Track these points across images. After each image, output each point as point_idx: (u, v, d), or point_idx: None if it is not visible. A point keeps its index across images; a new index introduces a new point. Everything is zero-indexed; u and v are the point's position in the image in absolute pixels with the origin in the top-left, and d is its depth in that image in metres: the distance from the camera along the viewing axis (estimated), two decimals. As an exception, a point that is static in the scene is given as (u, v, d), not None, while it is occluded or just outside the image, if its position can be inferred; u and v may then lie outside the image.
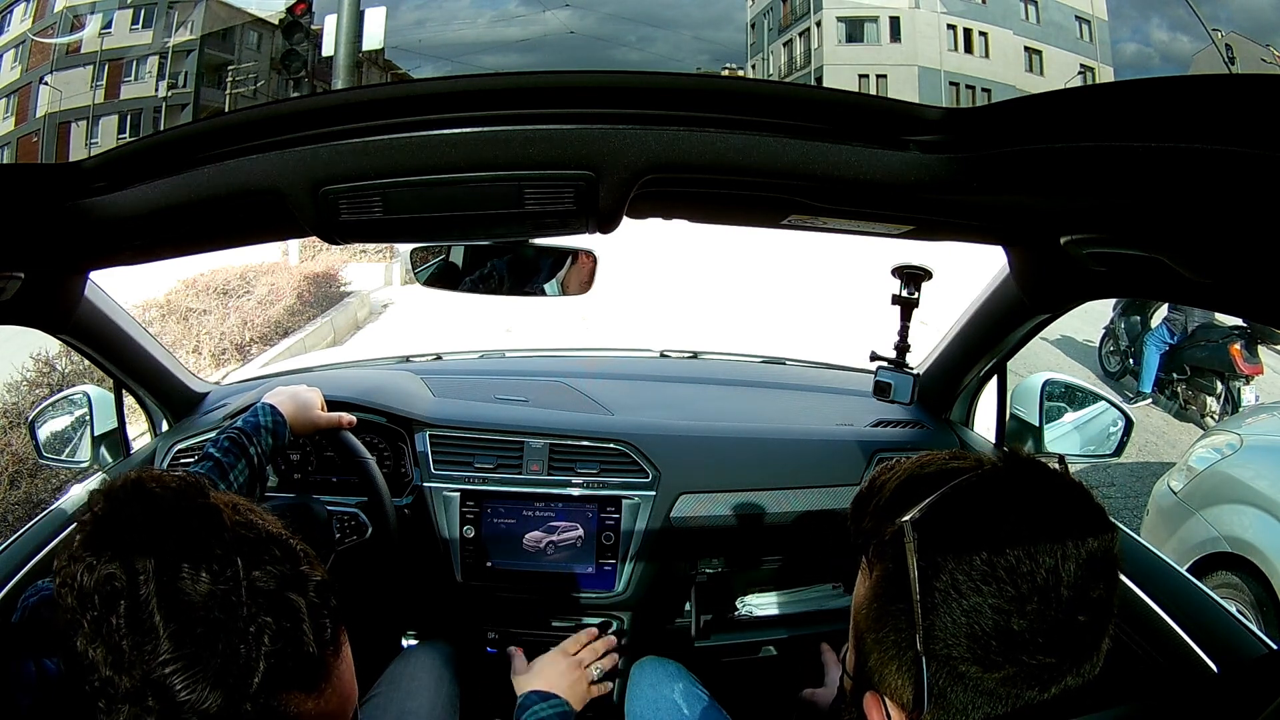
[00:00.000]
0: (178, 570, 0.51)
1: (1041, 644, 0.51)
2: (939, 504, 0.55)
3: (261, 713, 0.52)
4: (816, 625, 1.50)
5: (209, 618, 0.51)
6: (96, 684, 0.51)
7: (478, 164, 0.67)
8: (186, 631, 0.50)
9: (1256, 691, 0.54)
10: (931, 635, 0.53)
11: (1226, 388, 4.73)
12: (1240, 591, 2.36)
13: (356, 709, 0.64)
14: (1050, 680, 0.53)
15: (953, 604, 0.52)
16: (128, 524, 0.53)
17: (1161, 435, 4.69)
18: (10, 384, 3.98)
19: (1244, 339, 4.67)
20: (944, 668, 0.53)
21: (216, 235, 0.91)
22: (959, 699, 0.53)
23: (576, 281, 1.29)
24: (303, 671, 0.55)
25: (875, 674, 0.58)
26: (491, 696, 1.34)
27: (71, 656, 0.51)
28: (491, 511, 1.41)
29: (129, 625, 0.50)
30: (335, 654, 0.58)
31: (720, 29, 1.31)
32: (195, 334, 5.40)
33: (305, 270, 6.58)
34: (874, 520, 0.60)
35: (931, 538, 0.54)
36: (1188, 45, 1.01)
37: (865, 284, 5.18)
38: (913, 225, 0.85)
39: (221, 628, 0.51)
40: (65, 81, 1.22)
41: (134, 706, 0.50)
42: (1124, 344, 5.41)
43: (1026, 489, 0.56)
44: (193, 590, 0.51)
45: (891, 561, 0.56)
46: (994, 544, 0.52)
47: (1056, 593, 0.51)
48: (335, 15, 1.10)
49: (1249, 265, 0.64)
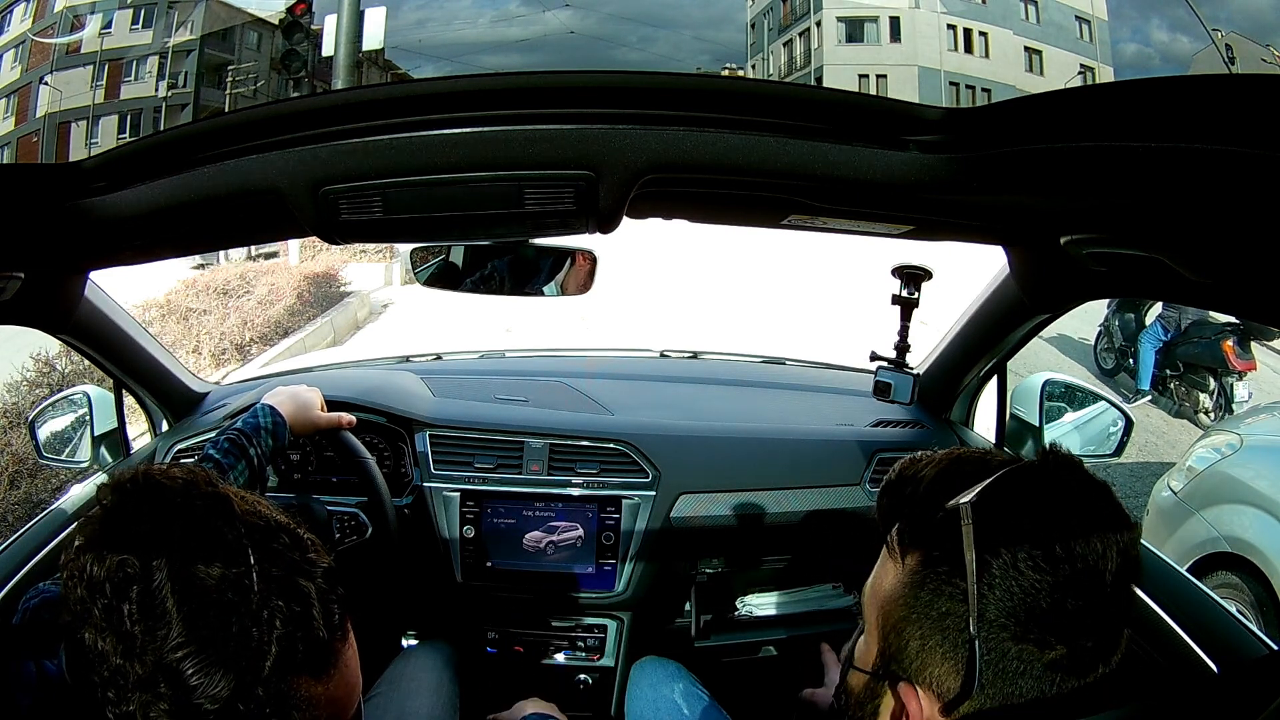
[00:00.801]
0: (191, 556, 0.51)
1: (1089, 626, 0.52)
2: (993, 486, 0.55)
3: (272, 697, 0.52)
4: (817, 625, 1.50)
5: (221, 601, 0.51)
6: (106, 674, 0.51)
7: (478, 164, 0.67)
8: (199, 616, 0.50)
9: (1257, 692, 0.54)
10: (983, 618, 0.53)
11: (1220, 384, 4.78)
12: (1240, 591, 2.36)
13: (361, 701, 0.64)
14: (1090, 667, 0.53)
15: (1010, 583, 0.53)
16: (137, 515, 0.53)
17: (1161, 435, 4.69)
18: (10, 384, 3.97)
19: (1236, 335, 4.72)
20: (993, 650, 0.53)
21: (216, 235, 0.91)
22: (1003, 685, 0.53)
23: (576, 282, 1.29)
24: (312, 656, 0.55)
25: (913, 663, 0.57)
26: (491, 696, 1.34)
27: (79, 650, 0.52)
28: (491, 511, 1.41)
29: (141, 612, 0.50)
30: (343, 640, 0.59)
31: (721, 29, 1.31)
32: (195, 334, 5.40)
33: (305, 270, 6.59)
34: (913, 507, 0.60)
35: (986, 520, 0.54)
36: (1188, 46, 1.02)
37: (865, 284, 5.18)
38: (913, 225, 0.85)
39: (234, 611, 0.51)
40: (65, 81, 1.22)
41: (145, 694, 0.50)
42: (1119, 342, 5.45)
43: (1069, 480, 0.57)
44: (206, 575, 0.51)
45: (938, 546, 0.56)
46: (1052, 527, 0.53)
47: (1103, 578, 0.53)
48: (335, 15, 1.11)
49: (1249, 265, 0.64)
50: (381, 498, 1.27)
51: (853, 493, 1.43)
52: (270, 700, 0.52)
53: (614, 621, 1.45)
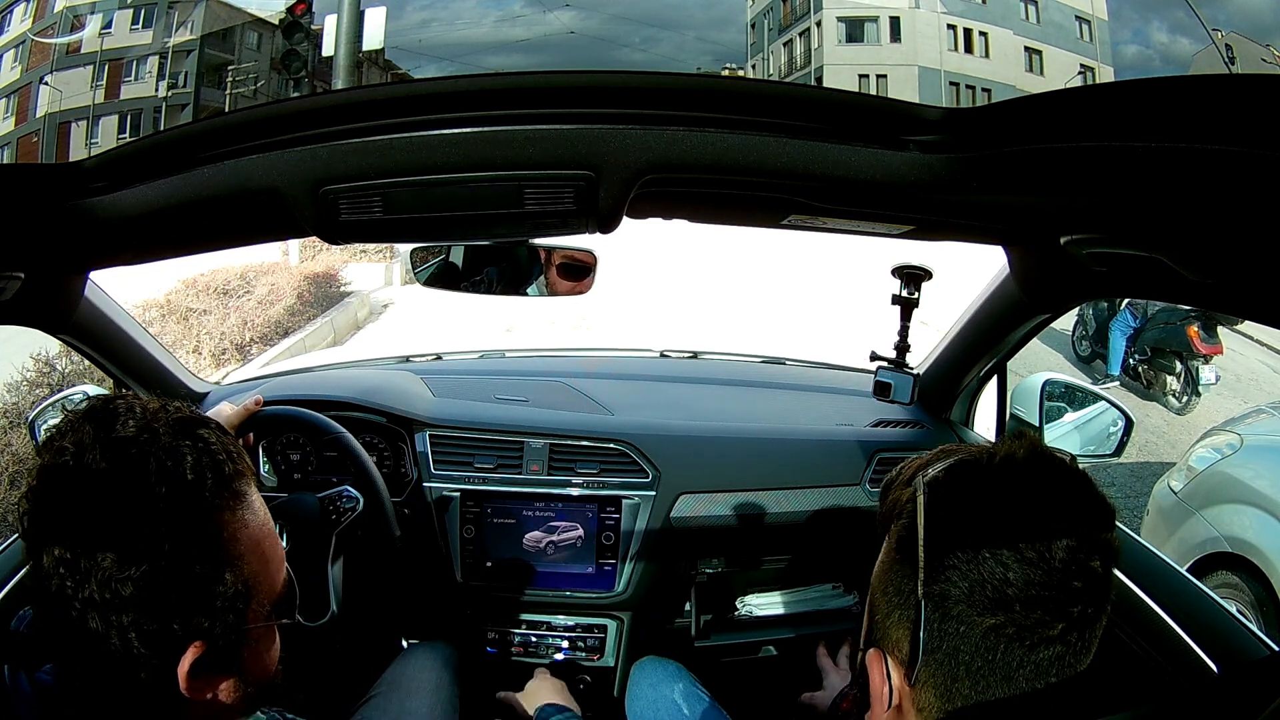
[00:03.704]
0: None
1: (1033, 596, 0.54)
2: (953, 468, 0.60)
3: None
4: (817, 625, 1.50)
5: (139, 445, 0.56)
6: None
7: (478, 164, 0.67)
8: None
9: (1257, 693, 0.54)
10: (933, 579, 0.56)
11: (1186, 367, 4.90)
12: (1240, 591, 2.36)
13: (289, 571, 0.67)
14: (1037, 641, 0.54)
15: (958, 552, 0.56)
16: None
17: (1161, 435, 4.69)
18: (10, 384, 3.97)
19: (1201, 320, 4.82)
20: (938, 612, 0.56)
21: (217, 235, 0.91)
22: (948, 650, 0.56)
23: (564, 285, 1.28)
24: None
25: (880, 632, 0.61)
26: (491, 696, 1.34)
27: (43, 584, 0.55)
28: (492, 511, 1.41)
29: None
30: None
31: (723, 30, 1.32)
32: (195, 334, 5.39)
33: (305, 270, 6.57)
34: (893, 493, 0.65)
35: (944, 497, 0.58)
36: (1188, 46, 1.02)
37: (865, 284, 5.17)
38: (913, 225, 0.85)
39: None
40: (65, 81, 1.22)
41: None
42: (1092, 329, 5.61)
43: (1036, 466, 0.59)
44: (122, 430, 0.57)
45: (905, 520, 0.60)
46: (1003, 503, 0.57)
47: (1049, 551, 0.54)
48: (335, 15, 1.11)
49: (1249, 265, 0.64)
50: (381, 498, 1.27)
51: (853, 493, 1.43)
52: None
53: (614, 621, 1.45)
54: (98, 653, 0.55)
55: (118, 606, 0.54)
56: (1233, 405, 4.86)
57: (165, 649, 0.56)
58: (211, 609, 0.57)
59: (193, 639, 0.56)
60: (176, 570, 0.55)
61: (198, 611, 0.57)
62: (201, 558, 0.57)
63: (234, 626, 0.59)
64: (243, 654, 0.61)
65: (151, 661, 0.56)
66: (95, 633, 0.54)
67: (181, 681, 0.56)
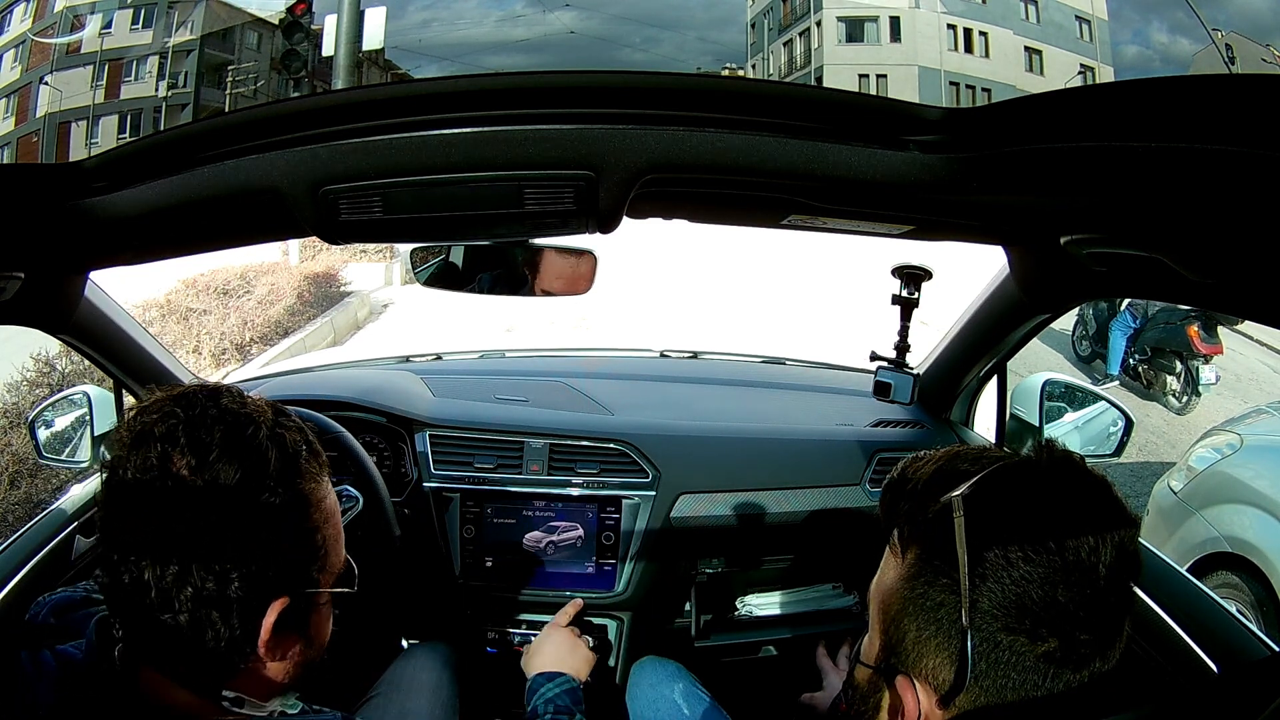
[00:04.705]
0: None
1: (1083, 619, 0.53)
2: (985, 481, 0.57)
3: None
4: (817, 625, 1.50)
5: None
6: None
7: (478, 164, 0.67)
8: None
9: (1257, 693, 0.54)
10: (976, 609, 0.54)
11: (1186, 367, 4.90)
12: (1240, 591, 2.36)
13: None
14: (1084, 661, 0.53)
15: (1002, 575, 0.53)
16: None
17: (1161, 435, 4.69)
18: (10, 384, 3.97)
19: (1201, 320, 4.82)
20: (986, 642, 0.54)
21: (216, 235, 0.91)
22: (996, 678, 0.54)
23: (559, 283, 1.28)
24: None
25: (909, 655, 0.58)
26: (491, 696, 1.34)
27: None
28: (491, 511, 1.41)
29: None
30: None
31: (724, 30, 1.32)
32: (195, 334, 5.39)
33: (305, 270, 6.57)
34: (911, 503, 0.61)
35: (979, 513, 0.55)
36: (1188, 46, 1.02)
37: (865, 284, 5.17)
38: (913, 225, 0.85)
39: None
40: (65, 81, 1.22)
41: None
42: (1092, 329, 5.61)
43: (1065, 474, 0.57)
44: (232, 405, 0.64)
45: (934, 539, 0.57)
46: (1043, 519, 0.54)
47: (1096, 571, 0.53)
48: (335, 15, 1.10)
49: (1249, 265, 0.64)
50: (381, 498, 1.27)
51: (853, 493, 1.43)
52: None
53: (614, 621, 1.45)
54: (193, 598, 0.58)
55: (223, 555, 0.59)
56: (1233, 405, 4.86)
57: (259, 595, 0.60)
58: (304, 561, 0.64)
59: (282, 591, 0.61)
60: (282, 521, 0.61)
61: (293, 562, 0.63)
62: (302, 515, 0.63)
63: (314, 584, 0.65)
64: (311, 619, 0.66)
65: (249, 603, 0.60)
66: (196, 577, 0.58)
67: (264, 632, 0.61)
